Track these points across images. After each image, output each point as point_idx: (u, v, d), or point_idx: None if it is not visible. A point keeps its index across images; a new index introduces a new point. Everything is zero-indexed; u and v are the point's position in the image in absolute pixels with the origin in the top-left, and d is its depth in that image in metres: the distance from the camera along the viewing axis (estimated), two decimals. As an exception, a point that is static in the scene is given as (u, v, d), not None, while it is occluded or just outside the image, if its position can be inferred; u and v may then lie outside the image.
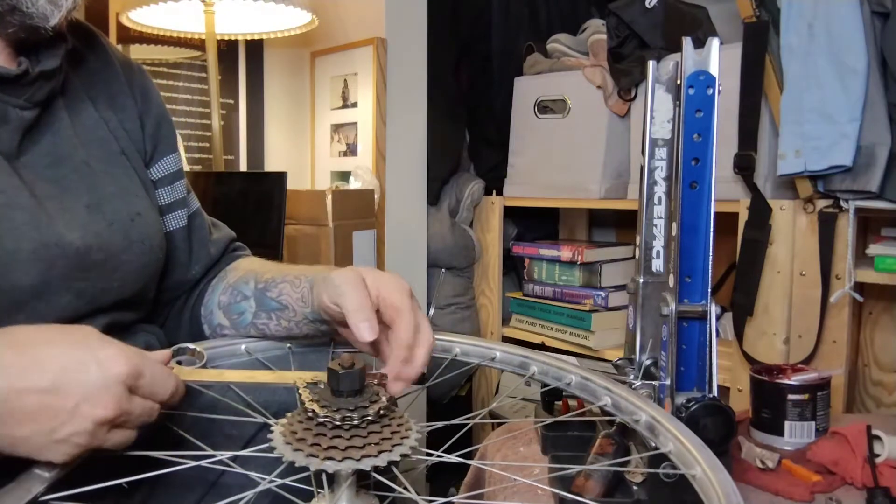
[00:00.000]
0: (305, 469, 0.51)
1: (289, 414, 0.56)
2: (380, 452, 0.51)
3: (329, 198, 1.55)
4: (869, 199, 1.26)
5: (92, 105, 0.78)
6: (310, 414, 0.53)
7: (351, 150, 1.86)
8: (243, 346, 0.80)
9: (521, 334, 1.94)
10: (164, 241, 0.82)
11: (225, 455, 0.58)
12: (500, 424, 1.51)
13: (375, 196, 1.71)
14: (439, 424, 0.65)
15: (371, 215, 1.67)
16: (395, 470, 0.53)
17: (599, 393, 0.69)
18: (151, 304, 0.83)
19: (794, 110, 1.28)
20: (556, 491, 0.77)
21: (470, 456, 0.95)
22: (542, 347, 1.79)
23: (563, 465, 0.81)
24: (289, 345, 0.81)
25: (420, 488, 1.80)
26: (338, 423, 0.52)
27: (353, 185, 1.72)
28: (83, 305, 0.70)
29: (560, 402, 0.98)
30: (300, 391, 0.57)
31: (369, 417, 0.53)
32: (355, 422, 0.52)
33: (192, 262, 0.89)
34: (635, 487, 0.72)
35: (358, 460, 0.50)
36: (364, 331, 0.64)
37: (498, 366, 0.74)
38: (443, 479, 1.79)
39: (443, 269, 1.97)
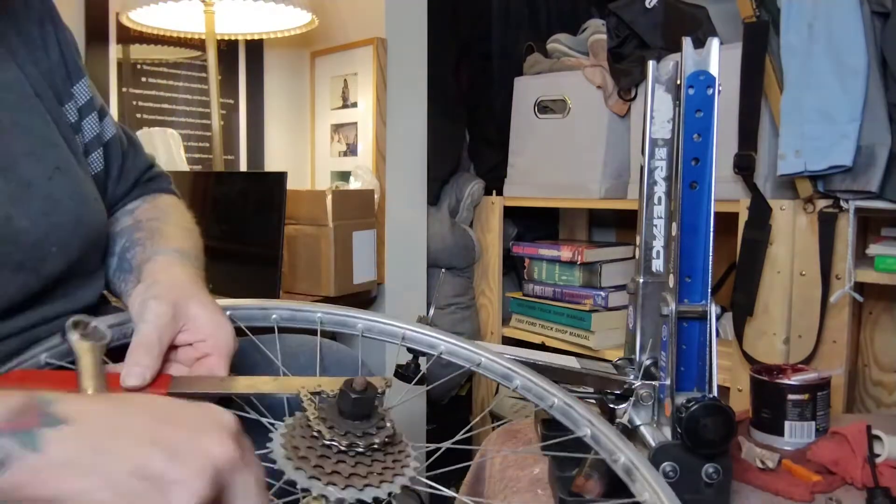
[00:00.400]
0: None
1: (287, 421, 0.54)
2: (381, 482, 0.51)
3: (329, 198, 1.55)
4: (869, 199, 1.26)
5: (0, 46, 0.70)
6: (314, 434, 0.52)
7: (351, 150, 1.86)
8: (274, 316, 0.75)
9: (521, 334, 1.94)
10: (94, 187, 0.75)
11: None
12: (500, 424, 1.51)
13: (375, 196, 1.71)
14: (434, 446, 0.64)
15: (371, 215, 1.67)
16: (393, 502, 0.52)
17: (580, 423, 0.65)
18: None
19: (794, 110, 1.28)
20: (556, 492, 0.77)
21: (470, 455, 0.95)
22: (542, 347, 1.79)
23: (562, 466, 0.81)
24: (319, 313, 0.75)
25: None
26: (343, 448, 0.51)
27: (353, 185, 1.72)
28: (29, 280, 0.65)
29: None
30: (304, 402, 0.56)
31: (375, 445, 0.52)
32: (360, 449, 0.51)
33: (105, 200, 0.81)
34: (635, 487, 0.72)
35: (360, 489, 0.50)
36: (133, 376, 0.57)
37: (481, 372, 0.72)
38: (443, 478, 1.79)
39: (443, 269, 1.97)
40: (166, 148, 1.66)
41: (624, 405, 0.77)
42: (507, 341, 1.97)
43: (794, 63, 1.28)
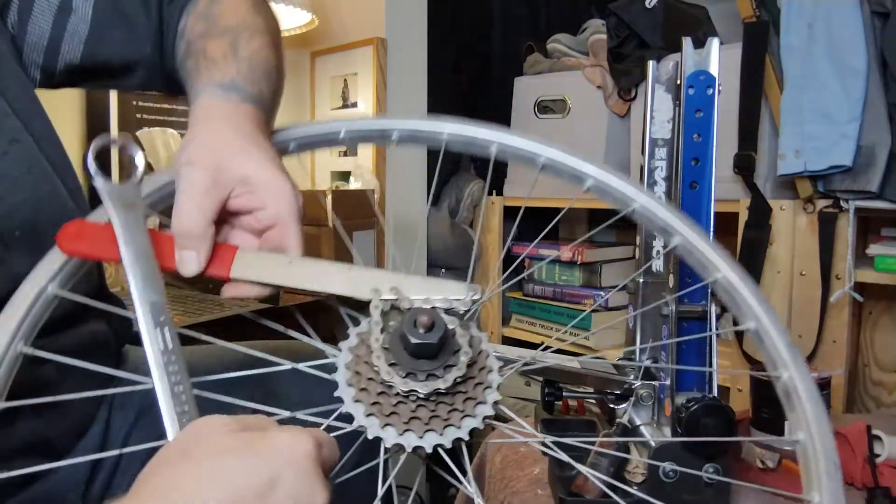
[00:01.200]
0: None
1: (361, 327, 0.49)
2: (446, 427, 0.45)
3: (329, 198, 1.55)
4: (869, 199, 1.26)
5: None
6: (377, 376, 0.46)
7: (351, 150, 1.86)
8: (343, 132, 0.64)
9: (521, 334, 1.94)
10: (61, 144, 0.66)
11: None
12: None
13: (375, 196, 1.71)
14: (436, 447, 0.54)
15: (371, 215, 1.67)
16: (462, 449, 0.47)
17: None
18: None
19: (794, 110, 1.28)
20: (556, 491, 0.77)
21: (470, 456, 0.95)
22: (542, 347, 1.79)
23: (563, 466, 0.80)
24: (445, 133, 0.63)
25: (420, 488, 1.80)
26: (403, 393, 0.45)
27: (353, 185, 1.72)
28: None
29: (560, 402, 0.98)
30: (372, 318, 0.48)
31: (440, 389, 0.45)
32: (421, 395, 0.45)
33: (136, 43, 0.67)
34: (635, 487, 0.72)
35: (420, 436, 0.45)
36: (186, 263, 0.50)
37: (548, 172, 0.63)
38: (442, 478, 1.79)
39: (443, 269, 1.97)
40: (166, 148, 1.66)
41: (624, 405, 0.77)
42: (507, 341, 1.97)
43: (794, 63, 1.28)
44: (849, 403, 1.41)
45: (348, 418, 0.47)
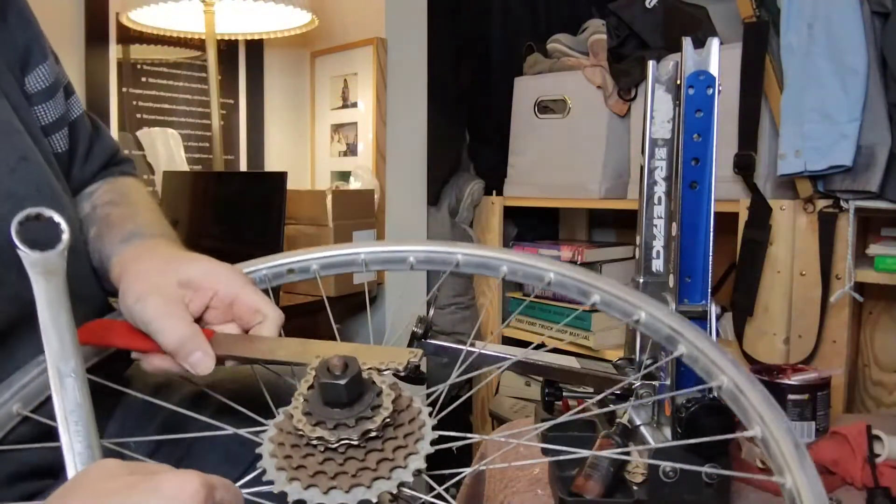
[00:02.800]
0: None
1: (281, 412, 0.48)
2: (374, 480, 0.43)
3: (329, 198, 1.55)
4: (869, 199, 1.26)
5: None
6: (299, 432, 0.45)
7: (351, 150, 1.86)
8: (362, 255, 0.71)
9: (521, 334, 1.94)
10: (59, 173, 0.69)
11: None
12: (500, 424, 1.51)
13: (375, 196, 1.71)
14: (436, 448, 0.53)
15: (371, 215, 1.67)
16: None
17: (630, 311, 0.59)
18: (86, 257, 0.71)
19: (794, 110, 1.28)
20: (556, 491, 0.77)
21: (470, 455, 0.95)
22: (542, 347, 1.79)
23: (563, 466, 0.80)
24: (458, 254, 0.68)
25: (420, 489, 1.80)
26: (333, 445, 0.44)
27: (353, 185, 1.72)
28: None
29: (560, 402, 0.98)
30: (298, 385, 0.48)
31: (372, 434, 0.45)
32: (353, 441, 0.44)
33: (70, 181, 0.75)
34: (635, 487, 0.72)
35: (347, 491, 0.43)
36: (200, 364, 0.53)
37: (556, 289, 0.64)
38: (441, 479, 1.79)
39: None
40: (166, 148, 1.66)
41: (624, 405, 0.77)
42: (507, 341, 1.97)
43: (794, 63, 1.28)
44: (849, 403, 1.41)
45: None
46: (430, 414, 0.49)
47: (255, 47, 1.92)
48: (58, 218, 0.50)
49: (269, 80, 1.96)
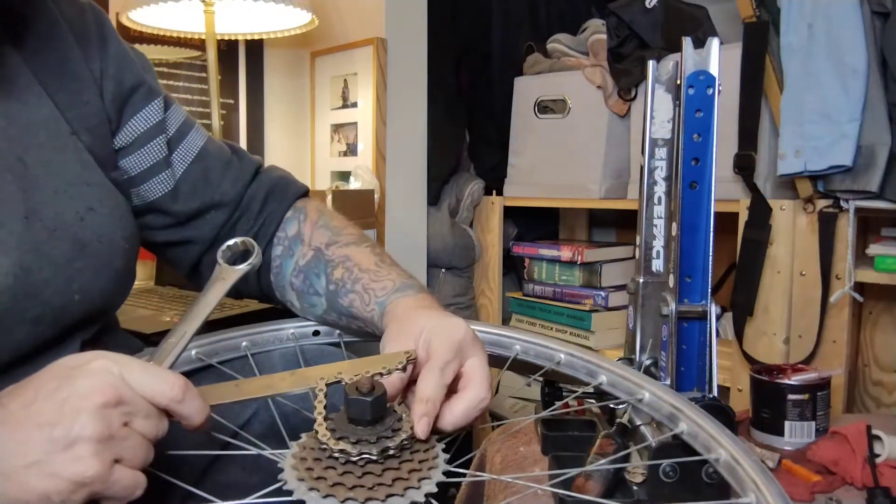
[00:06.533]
0: None
1: (303, 436, 0.51)
2: (406, 489, 0.47)
3: (329, 198, 1.55)
4: (869, 199, 1.26)
5: (38, 83, 0.66)
6: (323, 446, 0.48)
7: (351, 150, 1.86)
8: (517, 346, 0.73)
9: (521, 334, 1.94)
10: (131, 227, 0.71)
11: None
12: (500, 424, 1.51)
13: (375, 196, 1.71)
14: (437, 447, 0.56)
15: (371, 215, 1.67)
16: None
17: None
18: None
19: (794, 110, 1.28)
20: (556, 491, 0.77)
21: (470, 452, 0.95)
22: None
23: (563, 465, 0.80)
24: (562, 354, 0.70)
25: None
26: (354, 459, 0.48)
27: (353, 185, 1.72)
28: (45, 331, 0.61)
29: (560, 403, 0.98)
30: (315, 403, 0.52)
31: (390, 452, 0.48)
32: (373, 457, 0.48)
33: (207, 212, 0.77)
34: (635, 487, 0.72)
35: (383, 501, 0.46)
36: (420, 426, 0.53)
37: (564, 370, 0.68)
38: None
39: (443, 269, 1.97)
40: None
41: (624, 405, 0.77)
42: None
43: (794, 63, 1.28)
44: (849, 403, 1.41)
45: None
46: (444, 449, 0.52)
47: (255, 47, 1.92)
48: (251, 243, 0.64)
49: (269, 80, 1.96)
